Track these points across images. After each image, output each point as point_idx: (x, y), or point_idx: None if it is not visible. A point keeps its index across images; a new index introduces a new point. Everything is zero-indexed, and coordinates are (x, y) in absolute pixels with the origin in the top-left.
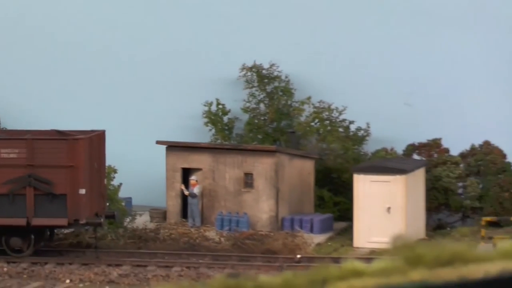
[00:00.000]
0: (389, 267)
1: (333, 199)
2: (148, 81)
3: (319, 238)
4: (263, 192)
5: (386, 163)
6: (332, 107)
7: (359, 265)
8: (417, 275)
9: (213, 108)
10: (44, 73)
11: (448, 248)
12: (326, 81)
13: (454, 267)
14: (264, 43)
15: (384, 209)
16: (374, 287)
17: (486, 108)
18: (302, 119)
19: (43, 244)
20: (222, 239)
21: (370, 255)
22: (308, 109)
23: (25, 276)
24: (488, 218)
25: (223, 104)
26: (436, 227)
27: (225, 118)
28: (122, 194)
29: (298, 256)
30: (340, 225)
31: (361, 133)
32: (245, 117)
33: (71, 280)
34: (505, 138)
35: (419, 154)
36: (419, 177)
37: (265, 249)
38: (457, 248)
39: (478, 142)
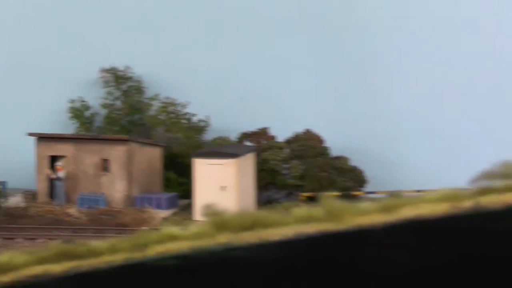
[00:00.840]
0: (200, 231)
1: (178, 180)
2: (21, 80)
3: (165, 213)
4: (117, 175)
5: (221, 149)
6: (177, 102)
7: (176, 230)
8: (223, 238)
9: (77, 104)
10: None
11: (250, 214)
12: (172, 80)
13: (256, 231)
14: (121, 48)
15: (220, 188)
16: (187, 249)
17: (307, 101)
18: (152, 113)
19: None
20: (82, 215)
21: None
22: (156, 104)
23: None
24: (306, 194)
25: (85, 101)
26: (265, 202)
27: (87, 113)
28: None
29: (145, 228)
30: (184, 202)
31: (202, 124)
32: (104, 112)
33: None
34: (323, 126)
35: (250, 141)
36: (249, 160)
37: (118, 223)
38: (258, 215)
39: (300, 130)
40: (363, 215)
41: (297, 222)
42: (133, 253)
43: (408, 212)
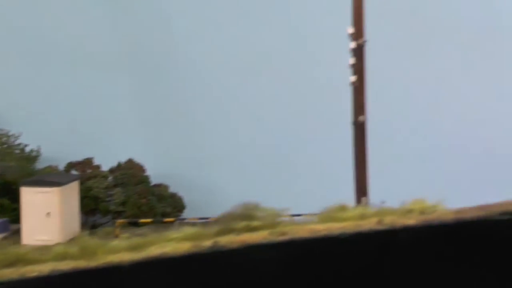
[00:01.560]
0: None
1: (12, 206)
2: None
3: None
4: None
5: (46, 178)
6: (10, 133)
7: None
8: None
9: None
10: None
11: (13, 252)
12: (6, 112)
13: (17, 267)
14: None
15: (45, 214)
16: None
17: (130, 132)
18: None
19: None
20: None
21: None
22: None
23: None
24: (122, 220)
25: None
26: (91, 227)
27: None
28: None
29: None
30: (17, 226)
31: (33, 153)
32: None
33: None
34: (145, 156)
35: (76, 170)
36: (73, 188)
37: None
38: (20, 252)
39: (123, 159)
40: (113, 253)
41: (54, 259)
42: None
43: (154, 250)
